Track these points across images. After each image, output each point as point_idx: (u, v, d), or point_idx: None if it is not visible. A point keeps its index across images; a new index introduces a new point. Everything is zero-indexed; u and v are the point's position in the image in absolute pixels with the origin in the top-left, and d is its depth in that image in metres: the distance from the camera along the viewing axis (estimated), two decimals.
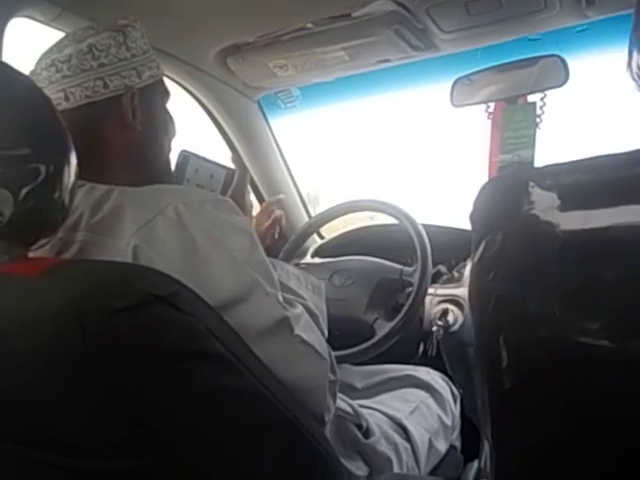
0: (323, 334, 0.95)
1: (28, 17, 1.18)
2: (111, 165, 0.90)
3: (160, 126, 0.98)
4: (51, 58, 0.87)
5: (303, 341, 0.86)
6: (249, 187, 1.17)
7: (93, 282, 0.60)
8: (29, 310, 0.59)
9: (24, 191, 0.64)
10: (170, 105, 1.01)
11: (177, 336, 0.63)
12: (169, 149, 1.01)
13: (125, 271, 0.65)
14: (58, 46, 0.88)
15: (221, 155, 1.93)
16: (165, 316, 0.63)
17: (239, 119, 1.90)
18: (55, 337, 0.57)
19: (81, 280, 0.61)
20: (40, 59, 0.89)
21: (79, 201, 0.82)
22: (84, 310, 0.57)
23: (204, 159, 1.09)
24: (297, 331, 0.85)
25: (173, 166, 1.06)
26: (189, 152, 1.07)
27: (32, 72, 0.89)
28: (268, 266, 0.87)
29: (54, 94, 0.86)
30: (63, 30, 1.25)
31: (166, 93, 1.00)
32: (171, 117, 1.00)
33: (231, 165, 1.13)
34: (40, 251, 0.76)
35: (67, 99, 0.87)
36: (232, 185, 1.09)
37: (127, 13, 0.93)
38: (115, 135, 0.90)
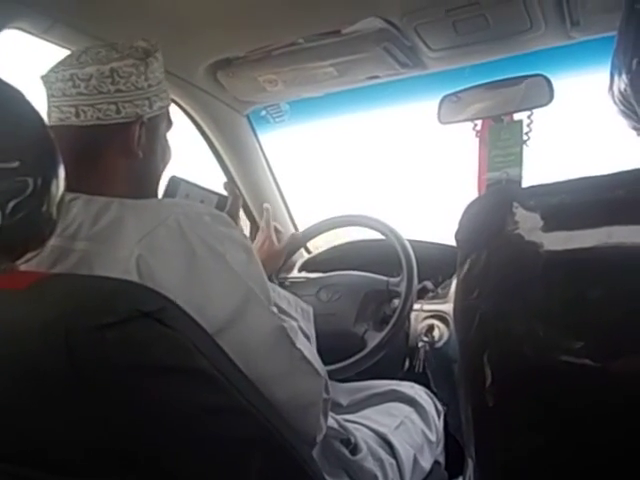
0: None
1: (19, 29, 1.17)
2: (107, 184, 0.90)
3: (159, 155, 0.99)
4: (70, 72, 0.86)
5: (303, 357, 0.88)
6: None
7: (80, 297, 0.61)
8: (15, 325, 0.59)
9: (11, 204, 0.64)
10: None
11: (163, 352, 0.63)
12: (163, 172, 1.02)
13: (112, 287, 0.65)
14: (79, 60, 0.88)
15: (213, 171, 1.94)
16: (151, 332, 0.63)
17: (228, 133, 1.91)
18: (41, 352, 0.57)
19: (68, 295, 0.61)
20: (56, 67, 0.89)
21: (78, 212, 0.83)
22: (70, 325, 0.56)
23: (195, 185, 1.08)
24: (298, 345, 0.87)
25: (163, 191, 1.07)
26: (179, 178, 1.06)
27: (45, 78, 0.89)
28: (264, 280, 0.89)
29: (65, 107, 0.87)
30: (54, 42, 1.25)
31: (169, 123, 1.02)
32: (169, 146, 1.02)
33: (223, 191, 1.13)
34: (36, 260, 0.76)
35: (77, 115, 0.88)
36: (224, 211, 1.09)
37: (118, 26, 0.94)
38: (116, 159, 0.91)
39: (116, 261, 0.78)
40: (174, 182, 1.06)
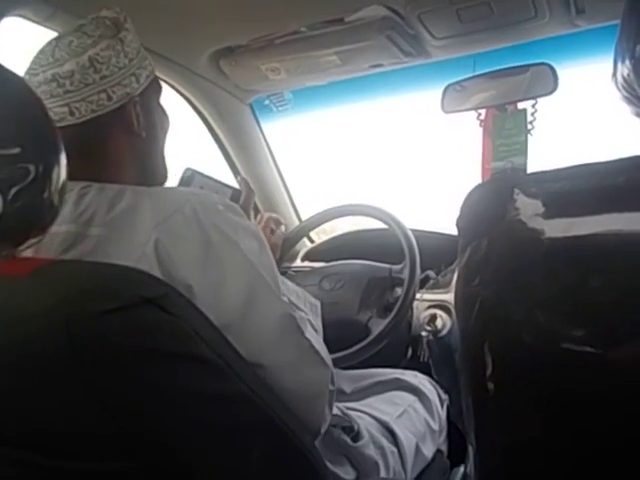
0: None
1: (20, 16, 1.17)
2: (118, 171, 0.90)
3: (159, 127, 0.98)
4: (51, 72, 0.85)
5: (312, 347, 0.89)
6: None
7: (81, 283, 0.61)
8: (17, 311, 0.59)
9: (13, 191, 0.64)
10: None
11: (165, 338, 0.64)
12: (165, 143, 1.02)
13: (114, 273, 0.65)
14: (54, 57, 0.86)
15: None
16: (153, 318, 0.63)
17: (231, 122, 1.91)
18: (43, 338, 0.57)
19: (70, 281, 0.61)
20: (34, 69, 0.87)
21: (91, 199, 0.83)
22: (71, 311, 0.57)
23: (209, 178, 1.08)
24: (307, 335, 0.89)
25: (177, 182, 1.06)
26: (194, 170, 1.06)
27: (27, 81, 0.85)
28: (275, 270, 0.90)
29: (57, 108, 0.86)
30: (56, 30, 1.25)
31: (159, 89, 1.00)
32: (164, 111, 1.01)
33: (236, 185, 1.13)
34: (47, 246, 0.77)
35: (72, 114, 0.86)
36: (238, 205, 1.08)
37: None
38: (122, 144, 0.91)
39: (133, 246, 0.78)
40: (189, 174, 1.06)
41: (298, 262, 2.00)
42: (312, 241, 2.16)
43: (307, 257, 2.02)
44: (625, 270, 0.55)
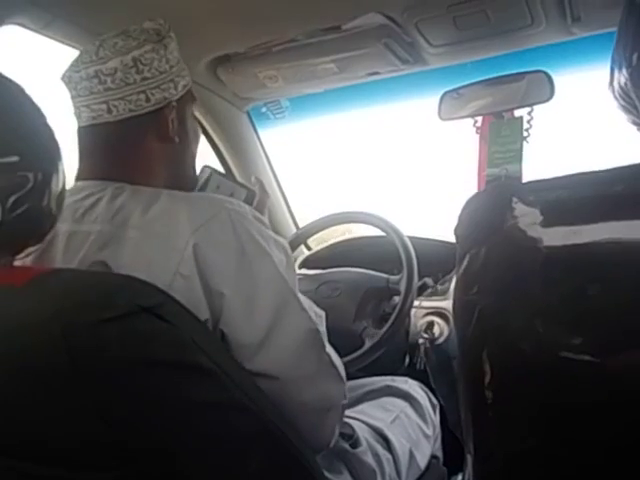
0: None
1: (18, 24, 1.17)
2: (149, 174, 0.92)
3: (191, 135, 1.00)
4: (93, 69, 0.86)
5: (331, 361, 0.90)
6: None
7: (78, 293, 0.61)
8: (14, 320, 0.59)
9: (12, 199, 0.64)
10: None
11: (162, 347, 0.64)
12: (196, 151, 1.03)
13: (111, 282, 0.65)
14: (98, 55, 0.87)
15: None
16: (150, 327, 0.63)
17: (228, 129, 1.91)
18: (40, 348, 0.57)
19: (67, 291, 0.61)
20: (76, 66, 0.88)
21: (125, 200, 0.84)
22: (68, 321, 0.57)
23: (226, 177, 1.10)
24: (327, 349, 0.90)
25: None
26: (211, 168, 1.08)
27: (68, 79, 0.89)
28: (296, 283, 0.90)
29: (95, 105, 0.88)
30: (54, 38, 1.25)
31: (194, 99, 1.02)
32: (197, 120, 1.03)
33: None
34: (79, 244, 0.78)
35: (110, 111, 0.88)
36: (252, 207, 1.09)
37: (118, 22, 0.93)
38: (154, 148, 0.93)
39: (172, 250, 0.79)
40: (206, 173, 1.07)
41: (295, 270, 1.99)
42: (309, 248, 2.15)
43: (304, 265, 2.01)
44: (624, 278, 0.55)
